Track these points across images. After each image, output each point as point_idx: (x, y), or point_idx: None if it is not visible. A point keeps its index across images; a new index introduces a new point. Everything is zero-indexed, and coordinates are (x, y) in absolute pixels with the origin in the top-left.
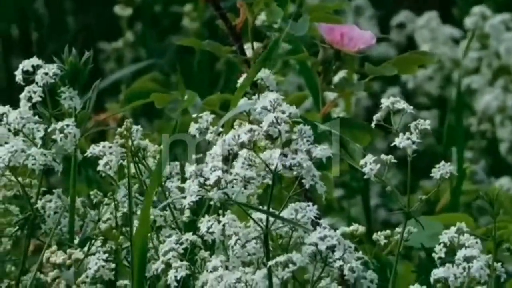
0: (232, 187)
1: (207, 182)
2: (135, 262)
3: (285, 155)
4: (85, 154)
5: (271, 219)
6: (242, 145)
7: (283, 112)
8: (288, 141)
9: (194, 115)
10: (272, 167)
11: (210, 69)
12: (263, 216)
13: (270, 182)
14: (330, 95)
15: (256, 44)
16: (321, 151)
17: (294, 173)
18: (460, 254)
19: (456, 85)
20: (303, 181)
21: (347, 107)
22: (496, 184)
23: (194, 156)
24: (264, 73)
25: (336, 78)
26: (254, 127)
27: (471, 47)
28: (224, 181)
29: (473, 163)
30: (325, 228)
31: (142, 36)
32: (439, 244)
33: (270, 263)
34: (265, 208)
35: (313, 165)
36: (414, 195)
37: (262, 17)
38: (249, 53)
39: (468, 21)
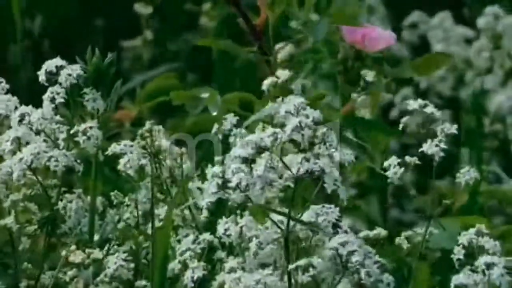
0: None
1: (229, 184)
2: (156, 263)
3: (307, 160)
4: (106, 153)
5: (292, 221)
6: (265, 148)
7: (307, 117)
8: (311, 144)
9: (214, 113)
10: (294, 171)
11: (226, 68)
12: (283, 218)
13: (292, 185)
14: (354, 96)
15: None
16: (344, 156)
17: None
18: (481, 260)
19: (468, 86)
20: (325, 185)
21: (373, 109)
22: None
23: (217, 158)
24: (286, 75)
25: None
26: (277, 130)
27: (484, 47)
28: (245, 183)
29: (485, 163)
30: (346, 232)
31: (160, 34)
32: (458, 245)
33: (290, 266)
34: (286, 210)
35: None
36: (429, 195)
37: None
38: (269, 52)
39: (481, 21)
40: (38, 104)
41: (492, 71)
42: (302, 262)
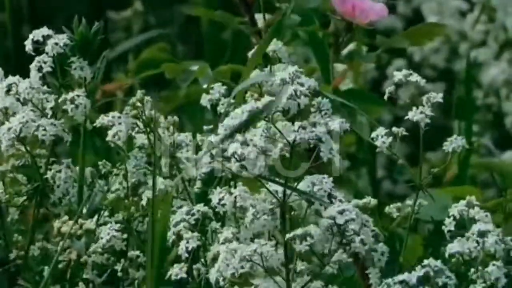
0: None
1: (225, 154)
2: (156, 234)
3: (304, 128)
4: (94, 124)
5: (287, 192)
6: (260, 117)
7: (302, 85)
8: (304, 114)
9: (204, 86)
10: (290, 139)
11: (216, 39)
12: (277, 188)
13: (287, 155)
14: (339, 67)
15: (267, 16)
16: (339, 124)
17: (312, 146)
18: (474, 228)
19: (462, 58)
20: (321, 154)
21: (356, 79)
22: (501, 157)
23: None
24: (276, 45)
25: (345, 51)
26: (273, 99)
27: (478, 20)
28: (240, 153)
29: (478, 136)
30: (341, 201)
31: (150, 5)
32: (449, 217)
33: (288, 236)
34: (281, 180)
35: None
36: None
37: None
38: (260, 24)
39: None
40: (16, 73)
41: (486, 43)
42: (299, 231)
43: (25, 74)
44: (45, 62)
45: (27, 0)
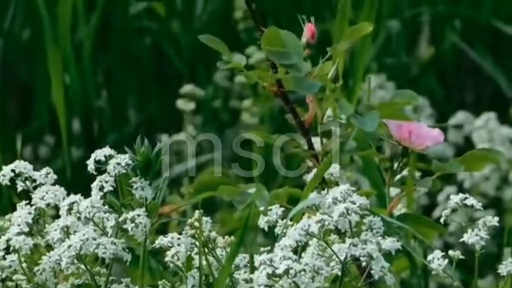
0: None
1: (277, 272)
2: None
3: (355, 245)
4: (153, 245)
5: None
6: (312, 235)
7: (353, 203)
8: (357, 233)
9: (261, 208)
10: (342, 258)
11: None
12: None
13: (339, 273)
14: (392, 192)
15: (324, 140)
16: (390, 243)
17: (363, 264)
18: None
19: None
20: (372, 272)
21: (410, 204)
22: None
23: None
24: (333, 168)
25: (399, 175)
26: (325, 217)
27: None
28: (293, 271)
29: None
30: None
31: (202, 129)
32: None
33: None
34: None
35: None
36: None
37: (327, 112)
38: (317, 147)
39: None
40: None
41: None
42: None
43: (81, 191)
44: (106, 182)
45: (82, 121)
